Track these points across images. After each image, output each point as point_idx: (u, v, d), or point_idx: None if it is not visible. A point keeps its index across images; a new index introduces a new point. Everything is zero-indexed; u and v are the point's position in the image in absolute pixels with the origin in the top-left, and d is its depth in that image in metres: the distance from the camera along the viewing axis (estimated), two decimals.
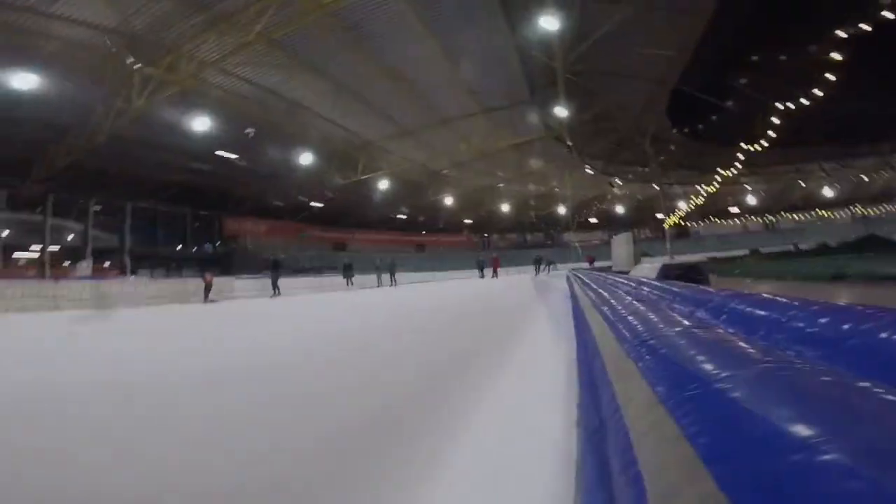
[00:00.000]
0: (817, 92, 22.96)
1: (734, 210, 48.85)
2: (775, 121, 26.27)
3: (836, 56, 20.11)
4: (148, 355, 2.90)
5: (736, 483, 0.41)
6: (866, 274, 9.17)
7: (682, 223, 46.91)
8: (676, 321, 1.28)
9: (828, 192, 44.53)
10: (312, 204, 32.43)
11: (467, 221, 44.49)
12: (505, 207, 42.56)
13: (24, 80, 13.80)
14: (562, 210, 46.23)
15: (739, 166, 33.70)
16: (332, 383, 2.09)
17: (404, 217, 40.16)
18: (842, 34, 18.89)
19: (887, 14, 16.59)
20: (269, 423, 1.47)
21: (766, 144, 29.60)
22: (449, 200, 36.23)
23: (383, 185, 28.49)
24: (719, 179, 37.28)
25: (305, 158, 22.88)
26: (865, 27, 18.06)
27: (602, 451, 0.94)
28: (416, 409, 1.66)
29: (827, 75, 21.64)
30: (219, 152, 21.82)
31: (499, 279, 21.40)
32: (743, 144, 30.00)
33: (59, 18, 12.06)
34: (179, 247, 27.70)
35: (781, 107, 24.65)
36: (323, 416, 1.55)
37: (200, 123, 17.93)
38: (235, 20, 12.89)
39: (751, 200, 47.45)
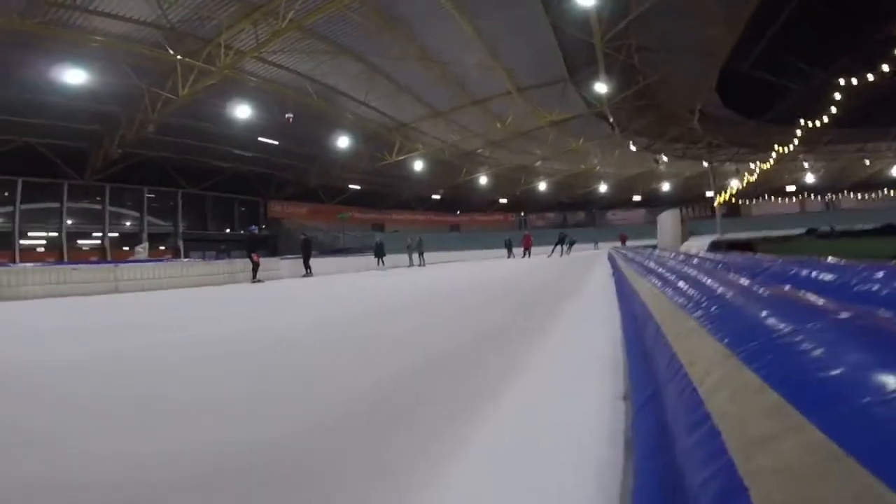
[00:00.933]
0: (885, 68, 20.87)
1: (790, 188, 45.74)
2: (837, 97, 24.13)
3: None
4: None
5: (842, 428, 0.36)
6: None
7: (734, 201, 44.19)
8: (736, 283, 1.18)
9: None
10: (351, 186, 32.96)
11: (503, 201, 43.88)
12: (542, 186, 41.58)
13: (74, 76, 14.49)
14: (603, 188, 44.78)
15: (798, 143, 31.32)
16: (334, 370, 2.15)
17: (438, 197, 40.18)
18: None
19: None
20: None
21: (827, 122, 27.32)
22: (484, 180, 35.79)
23: (418, 166, 28.48)
24: (774, 157, 34.81)
25: (342, 142, 23.16)
26: None
27: (658, 416, 0.87)
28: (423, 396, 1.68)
29: None
30: (261, 139, 22.48)
31: (529, 259, 20.75)
32: (802, 121, 27.80)
33: (99, 14, 12.52)
34: (228, 230, 29.02)
35: (845, 84, 22.56)
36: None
37: (241, 111, 18.46)
38: (268, 8, 13.01)
39: (809, 179, 44.21)
